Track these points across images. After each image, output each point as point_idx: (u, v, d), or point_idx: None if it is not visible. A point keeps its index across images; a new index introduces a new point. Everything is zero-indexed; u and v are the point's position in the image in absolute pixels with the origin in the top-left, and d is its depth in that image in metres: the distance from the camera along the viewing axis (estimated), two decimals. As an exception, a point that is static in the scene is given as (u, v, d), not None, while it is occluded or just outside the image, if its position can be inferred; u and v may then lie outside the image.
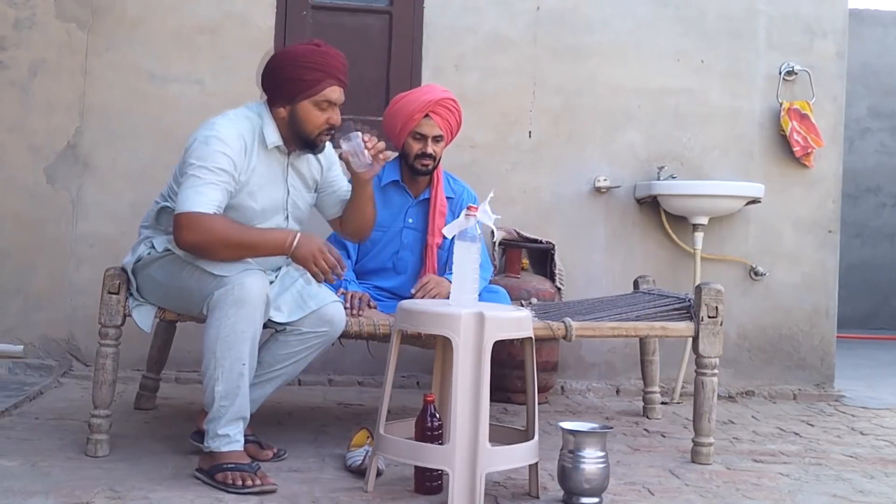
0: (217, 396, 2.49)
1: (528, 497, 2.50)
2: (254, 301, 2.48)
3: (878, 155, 7.81)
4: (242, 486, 2.40)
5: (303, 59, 2.62)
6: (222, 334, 2.47)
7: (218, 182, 2.52)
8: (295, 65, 2.62)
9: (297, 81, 2.61)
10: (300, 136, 2.67)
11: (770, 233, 4.41)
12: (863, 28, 7.53)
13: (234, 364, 2.48)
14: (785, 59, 4.41)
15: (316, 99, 2.62)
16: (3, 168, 4.01)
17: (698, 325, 2.96)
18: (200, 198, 2.49)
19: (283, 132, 2.67)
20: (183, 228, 2.49)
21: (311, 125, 2.64)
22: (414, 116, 3.18)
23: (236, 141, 2.57)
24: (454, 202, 3.35)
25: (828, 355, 4.43)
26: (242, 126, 2.62)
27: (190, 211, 2.48)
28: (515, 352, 3.76)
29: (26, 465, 2.59)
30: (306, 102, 2.62)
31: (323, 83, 2.62)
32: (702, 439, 2.97)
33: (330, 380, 4.11)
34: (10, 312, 3.99)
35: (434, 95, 3.21)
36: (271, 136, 2.66)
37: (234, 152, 2.56)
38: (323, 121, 2.65)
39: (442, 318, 2.36)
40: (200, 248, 2.51)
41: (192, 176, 2.52)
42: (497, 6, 4.26)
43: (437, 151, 3.21)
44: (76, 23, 4.03)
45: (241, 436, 2.53)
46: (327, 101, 2.64)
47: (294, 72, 2.61)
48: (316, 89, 2.62)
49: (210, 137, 2.54)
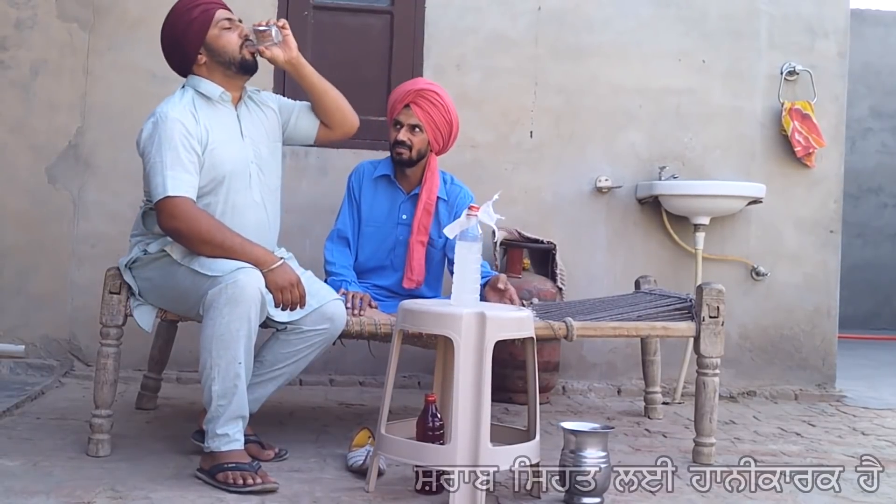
0: (214, 396, 2.49)
1: (529, 497, 2.50)
2: (248, 299, 2.47)
3: (879, 155, 7.81)
4: (244, 485, 2.40)
5: (181, 7, 2.70)
6: (217, 333, 2.47)
7: (183, 160, 2.56)
8: (178, 16, 2.69)
9: (189, 24, 2.67)
10: (230, 66, 2.71)
11: (771, 233, 4.41)
12: (864, 28, 7.53)
13: (231, 363, 2.47)
14: (786, 59, 4.41)
15: (216, 25, 2.69)
16: (4, 168, 4.01)
17: (699, 325, 2.96)
18: (172, 181, 2.54)
19: (217, 79, 2.72)
20: (165, 214, 2.54)
21: (229, 48, 2.70)
22: (396, 106, 3.24)
23: (184, 114, 2.62)
24: (448, 205, 3.34)
25: (829, 355, 4.43)
26: (177, 98, 2.68)
27: (167, 196, 2.53)
28: (517, 352, 3.76)
29: (28, 464, 2.59)
30: (210, 34, 2.69)
31: (208, 13, 2.69)
32: (703, 439, 2.97)
33: (331, 380, 4.11)
34: (12, 312, 3.99)
35: (416, 86, 3.25)
36: (210, 88, 2.71)
37: (184, 122, 2.61)
38: (232, 39, 2.71)
39: (443, 317, 2.36)
40: (181, 236, 2.56)
41: (155, 162, 2.56)
42: (498, 6, 4.26)
43: (412, 140, 3.22)
44: (78, 23, 4.03)
45: (240, 435, 2.53)
46: (227, 19, 2.71)
47: (181, 20, 2.68)
48: (207, 21, 2.68)
49: (158, 122, 2.60)
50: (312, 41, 4.14)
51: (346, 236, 3.30)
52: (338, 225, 3.32)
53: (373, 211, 3.29)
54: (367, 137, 3.88)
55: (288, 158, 3.76)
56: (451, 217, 3.30)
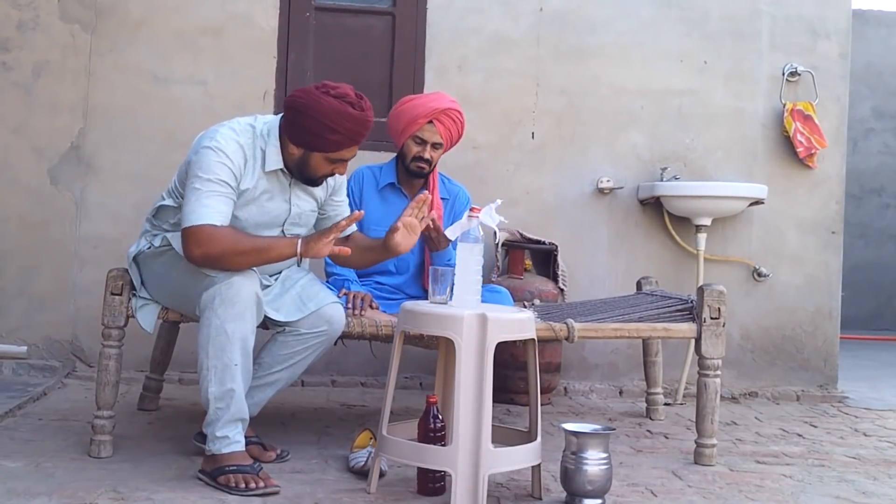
0: (212, 399, 2.48)
1: (530, 498, 2.50)
2: (243, 300, 2.47)
3: (881, 155, 7.81)
4: (246, 488, 2.39)
5: (334, 120, 2.53)
6: (212, 335, 2.47)
7: (221, 192, 2.51)
8: (323, 123, 2.53)
9: (319, 138, 2.55)
10: (302, 176, 2.65)
11: (773, 234, 4.40)
12: (866, 29, 7.53)
13: (227, 365, 2.47)
14: (788, 60, 4.41)
15: (331, 156, 2.60)
16: (6, 169, 4.01)
17: (700, 326, 2.96)
18: (205, 210, 2.48)
19: (288, 163, 2.64)
20: (191, 242, 2.48)
21: (317, 173, 2.64)
22: (418, 121, 3.22)
23: (236, 152, 2.55)
24: (449, 203, 3.40)
25: (831, 356, 4.43)
26: (244, 139, 2.59)
27: (196, 224, 2.47)
28: (518, 353, 3.76)
29: (30, 465, 2.59)
30: (320, 155, 2.59)
31: (342, 146, 2.58)
32: (705, 440, 2.97)
33: (333, 381, 4.12)
34: (14, 313, 4.00)
35: (441, 104, 3.25)
36: (272, 162, 2.62)
37: (234, 163, 2.54)
38: (329, 171, 2.64)
39: (445, 319, 2.36)
40: (212, 259, 2.49)
41: (195, 189, 2.50)
42: (500, 7, 4.27)
43: (434, 157, 3.27)
44: (79, 24, 4.04)
45: (241, 436, 2.52)
46: (341, 159, 2.63)
47: (320, 129, 2.53)
48: (336, 147, 2.58)
49: (211, 149, 2.52)
50: (314, 42, 4.15)
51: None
52: None
53: (380, 217, 3.28)
54: (369, 139, 3.86)
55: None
56: (452, 213, 3.37)
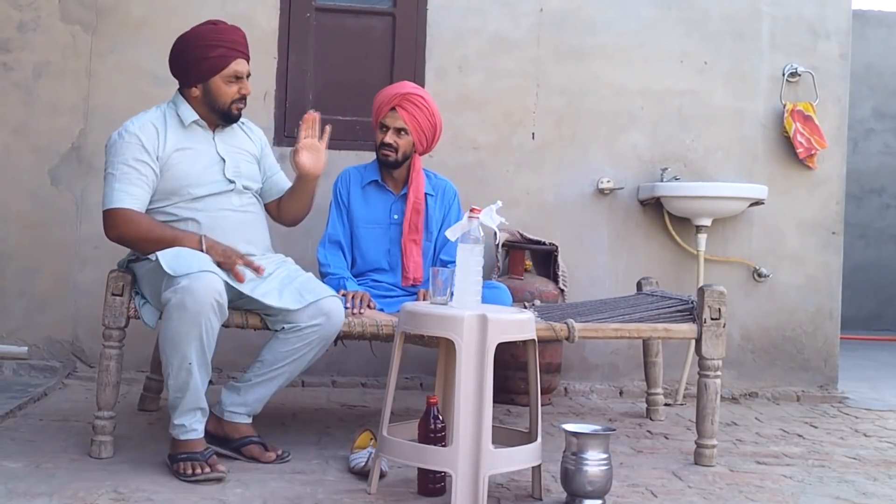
0: (171, 389, 2.60)
1: (530, 499, 2.50)
2: (198, 305, 2.51)
3: (882, 156, 7.80)
4: (192, 474, 2.50)
5: (204, 39, 2.78)
6: (168, 335, 2.55)
7: (137, 176, 2.69)
8: (198, 45, 2.78)
9: (203, 61, 2.77)
10: (215, 110, 2.82)
11: (773, 234, 4.40)
12: (867, 29, 7.53)
13: (182, 363, 2.56)
14: (788, 61, 4.41)
15: (224, 74, 2.79)
16: (7, 170, 4.02)
17: (701, 326, 2.96)
18: (120, 195, 2.68)
19: (199, 110, 2.82)
20: (109, 224, 2.70)
21: (223, 98, 2.81)
22: (382, 108, 3.31)
23: (144, 128, 2.75)
24: (436, 198, 3.42)
25: (831, 357, 4.43)
26: (150, 115, 2.81)
27: (113, 207, 2.68)
28: (519, 353, 3.76)
29: (30, 466, 2.59)
30: (216, 79, 2.79)
31: (228, 58, 2.78)
32: (705, 441, 2.97)
33: (333, 381, 4.12)
34: (15, 314, 4.00)
35: (402, 90, 3.32)
36: (187, 116, 2.81)
37: (146, 136, 2.73)
38: (235, 92, 2.82)
39: (445, 320, 2.36)
40: (125, 241, 2.72)
41: (110, 174, 2.71)
42: (500, 8, 4.27)
43: (398, 143, 3.30)
44: (80, 25, 4.04)
45: (198, 425, 2.62)
46: (235, 75, 2.81)
47: (199, 52, 2.77)
48: (222, 65, 2.78)
49: (120, 134, 2.74)
50: (315, 43, 4.15)
51: (338, 240, 3.35)
52: (329, 230, 3.38)
53: (365, 214, 3.37)
54: (369, 139, 3.88)
55: (290, 160, 3.76)
56: (439, 209, 3.41)
